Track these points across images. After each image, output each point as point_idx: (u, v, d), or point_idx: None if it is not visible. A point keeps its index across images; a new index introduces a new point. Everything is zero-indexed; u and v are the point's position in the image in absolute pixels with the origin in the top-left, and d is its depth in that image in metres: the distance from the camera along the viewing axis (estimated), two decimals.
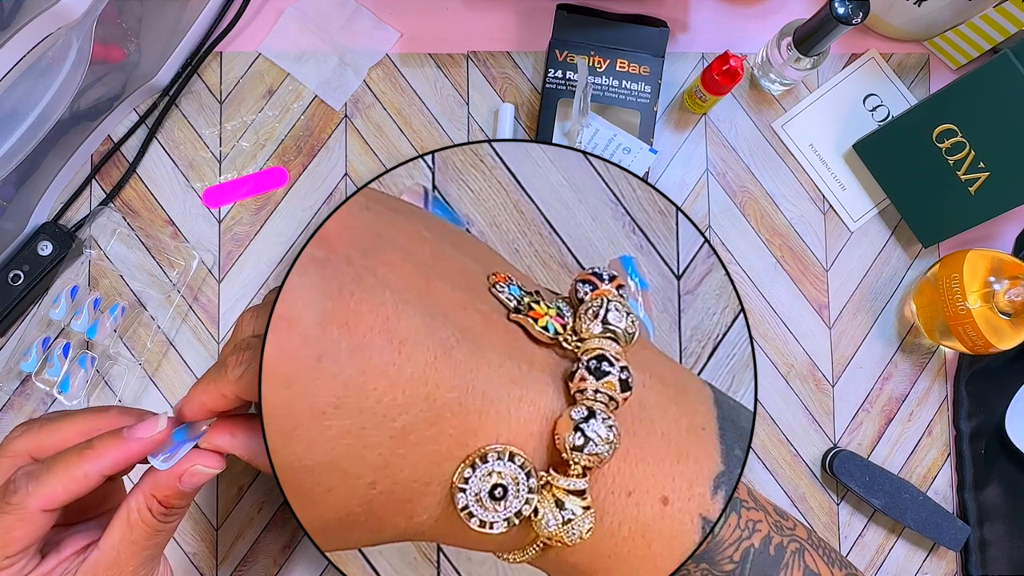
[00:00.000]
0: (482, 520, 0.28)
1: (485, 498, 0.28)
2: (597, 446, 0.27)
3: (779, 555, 0.35)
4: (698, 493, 0.31)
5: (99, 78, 0.44)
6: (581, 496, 0.28)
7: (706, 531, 0.30)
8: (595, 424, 0.28)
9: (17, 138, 0.39)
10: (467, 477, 0.28)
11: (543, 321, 0.31)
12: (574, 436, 0.27)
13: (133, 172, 0.48)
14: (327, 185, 0.49)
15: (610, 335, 0.30)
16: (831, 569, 0.36)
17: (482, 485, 0.28)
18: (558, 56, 0.48)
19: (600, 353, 0.29)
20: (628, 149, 0.47)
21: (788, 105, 0.52)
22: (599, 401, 0.29)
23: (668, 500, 0.30)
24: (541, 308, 0.31)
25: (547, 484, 0.28)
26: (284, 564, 0.47)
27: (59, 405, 0.46)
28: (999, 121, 0.44)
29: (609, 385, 0.29)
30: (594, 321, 0.31)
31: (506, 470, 0.28)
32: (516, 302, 0.32)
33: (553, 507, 0.28)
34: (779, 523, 0.36)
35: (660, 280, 0.45)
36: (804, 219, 0.51)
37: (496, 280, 0.32)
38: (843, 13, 0.42)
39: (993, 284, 0.46)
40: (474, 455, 0.28)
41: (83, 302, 0.45)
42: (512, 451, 0.28)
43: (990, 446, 0.51)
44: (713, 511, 0.31)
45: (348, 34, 0.50)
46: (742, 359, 0.44)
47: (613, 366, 0.29)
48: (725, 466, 0.32)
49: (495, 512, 0.28)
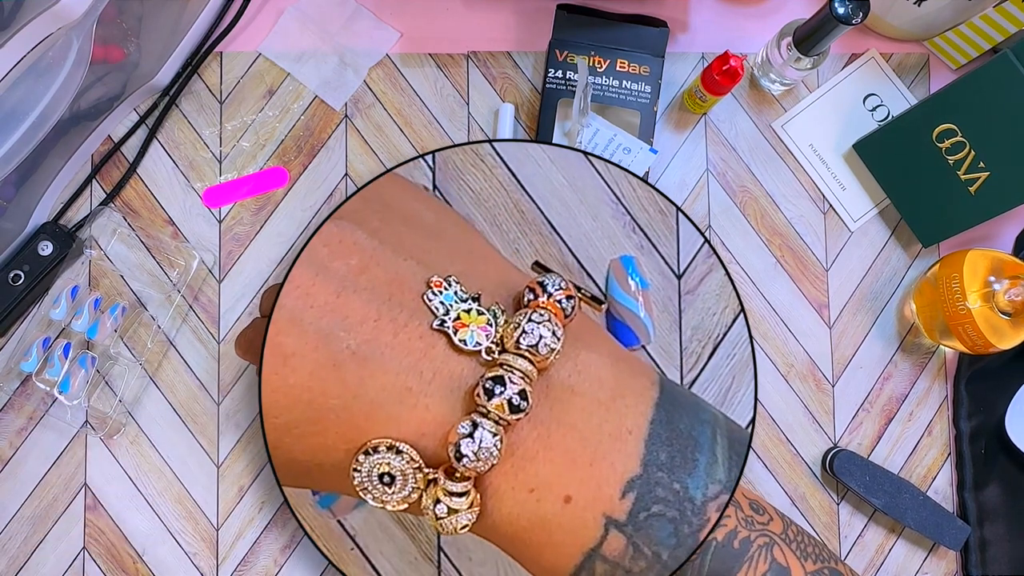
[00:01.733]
0: (375, 497, 0.33)
1: (376, 482, 0.32)
2: (473, 461, 0.31)
3: (744, 549, 0.36)
4: (606, 494, 0.33)
5: (99, 78, 0.44)
6: (463, 496, 0.32)
7: (607, 528, 0.33)
8: (477, 439, 0.31)
9: (17, 138, 0.39)
10: (360, 461, 0.32)
11: (463, 333, 0.33)
12: (454, 447, 0.31)
13: (133, 172, 0.48)
14: (327, 185, 0.49)
15: (526, 352, 0.32)
16: (802, 563, 0.37)
17: (372, 470, 0.32)
18: (558, 56, 0.48)
19: (499, 375, 0.32)
20: (628, 149, 0.47)
21: (788, 105, 0.52)
22: (488, 419, 0.31)
23: (571, 499, 0.33)
24: (468, 318, 0.34)
25: (434, 481, 0.32)
26: (284, 564, 0.47)
27: (59, 405, 0.46)
28: (999, 121, 0.44)
29: (499, 407, 0.31)
30: (514, 334, 0.33)
31: (395, 462, 0.32)
32: (446, 310, 0.34)
33: (434, 501, 0.32)
34: (750, 518, 0.37)
35: (660, 280, 0.45)
36: (804, 219, 0.51)
37: (432, 286, 0.34)
38: (843, 13, 0.42)
39: (993, 284, 0.46)
40: (368, 446, 0.32)
41: (83, 302, 0.45)
42: (399, 447, 0.32)
43: (990, 446, 0.51)
44: (619, 511, 0.33)
45: (348, 34, 0.50)
46: (742, 359, 0.44)
47: (506, 388, 0.31)
48: (642, 470, 0.33)
49: (386, 494, 0.33)
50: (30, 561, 0.46)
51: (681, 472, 0.34)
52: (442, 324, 0.33)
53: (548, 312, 0.33)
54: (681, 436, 0.35)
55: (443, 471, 0.32)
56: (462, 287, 0.35)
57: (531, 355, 0.32)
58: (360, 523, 0.43)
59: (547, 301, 0.34)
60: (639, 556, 0.33)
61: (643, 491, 0.33)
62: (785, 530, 0.38)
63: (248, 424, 0.47)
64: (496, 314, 0.34)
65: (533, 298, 0.34)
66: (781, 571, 0.36)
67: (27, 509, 0.46)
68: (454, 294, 0.34)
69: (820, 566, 0.37)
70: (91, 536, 0.47)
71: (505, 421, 0.31)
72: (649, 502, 0.33)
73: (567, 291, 0.35)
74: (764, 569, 0.36)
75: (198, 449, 0.47)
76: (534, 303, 0.34)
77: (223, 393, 0.48)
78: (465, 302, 0.34)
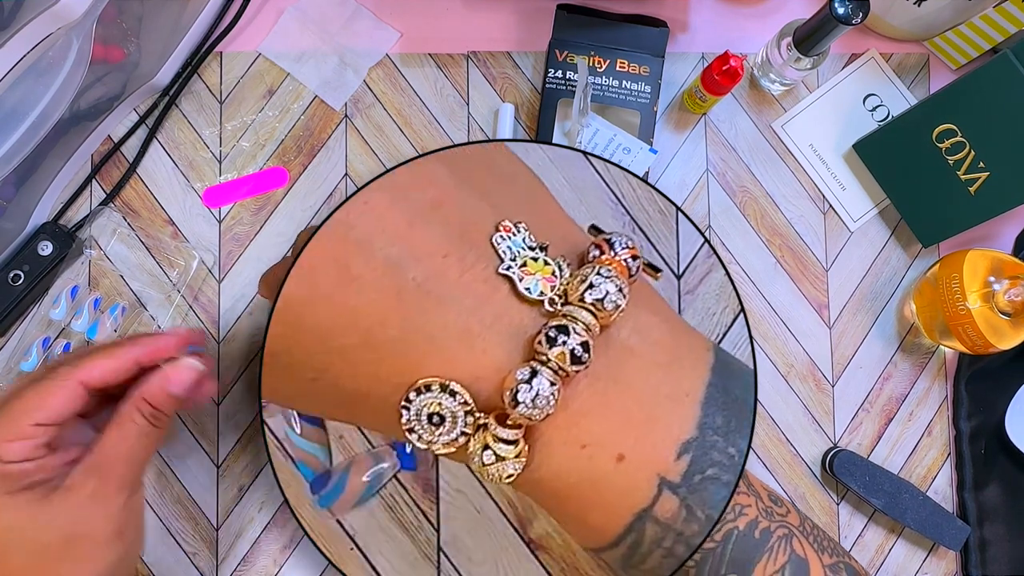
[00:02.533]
0: (421, 437, 0.32)
1: (424, 422, 0.32)
2: (529, 408, 0.30)
3: (764, 539, 0.36)
4: (661, 455, 0.33)
5: (99, 78, 0.44)
6: (512, 444, 0.31)
7: (661, 489, 0.33)
8: (535, 386, 0.30)
9: (17, 138, 0.39)
10: (410, 399, 0.32)
11: (528, 281, 0.33)
12: (510, 393, 0.30)
13: (133, 172, 0.48)
14: (327, 185, 0.49)
15: (591, 306, 0.32)
16: (819, 555, 0.37)
17: (422, 409, 0.32)
18: (558, 56, 0.48)
19: (563, 324, 0.31)
20: (628, 149, 0.47)
21: (788, 105, 0.52)
22: (548, 367, 0.31)
23: (624, 457, 0.32)
24: (535, 266, 0.33)
25: (484, 426, 0.32)
26: (284, 564, 0.47)
27: None
28: (999, 121, 0.44)
29: (560, 356, 0.31)
30: (579, 287, 0.32)
31: (446, 403, 0.31)
32: (513, 255, 0.33)
33: (482, 447, 0.31)
34: (769, 509, 0.37)
35: (660, 280, 0.46)
36: (804, 219, 0.51)
37: (502, 230, 0.34)
38: (843, 13, 0.42)
39: (993, 284, 0.46)
40: (420, 383, 0.32)
41: (83, 302, 0.46)
42: (453, 388, 0.32)
43: (990, 446, 0.51)
44: (674, 473, 0.33)
45: (348, 34, 0.50)
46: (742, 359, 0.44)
47: (570, 337, 0.31)
48: (699, 432, 0.33)
49: (433, 434, 0.32)
50: None
51: (736, 436, 0.34)
52: (508, 269, 0.33)
53: (614, 269, 0.33)
54: (736, 402, 0.35)
55: (494, 417, 0.32)
56: (530, 235, 0.35)
57: (595, 309, 0.32)
58: (360, 523, 0.43)
59: (613, 258, 0.34)
60: (692, 519, 0.33)
61: (698, 454, 0.33)
62: (802, 523, 0.38)
63: (248, 424, 0.47)
64: (561, 266, 0.34)
65: (599, 254, 0.34)
66: (800, 563, 0.36)
67: None
68: (522, 240, 0.34)
69: (836, 560, 0.37)
70: None
71: (564, 372, 0.31)
72: (704, 465, 0.33)
73: (632, 251, 0.34)
74: (784, 560, 0.36)
75: (198, 449, 0.47)
76: (600, 259, 0.34)
77: (223, 393, 0.48)
78: (532, 250, 0.34)
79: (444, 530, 0.44)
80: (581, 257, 0.36)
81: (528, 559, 0.43)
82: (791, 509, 0.38)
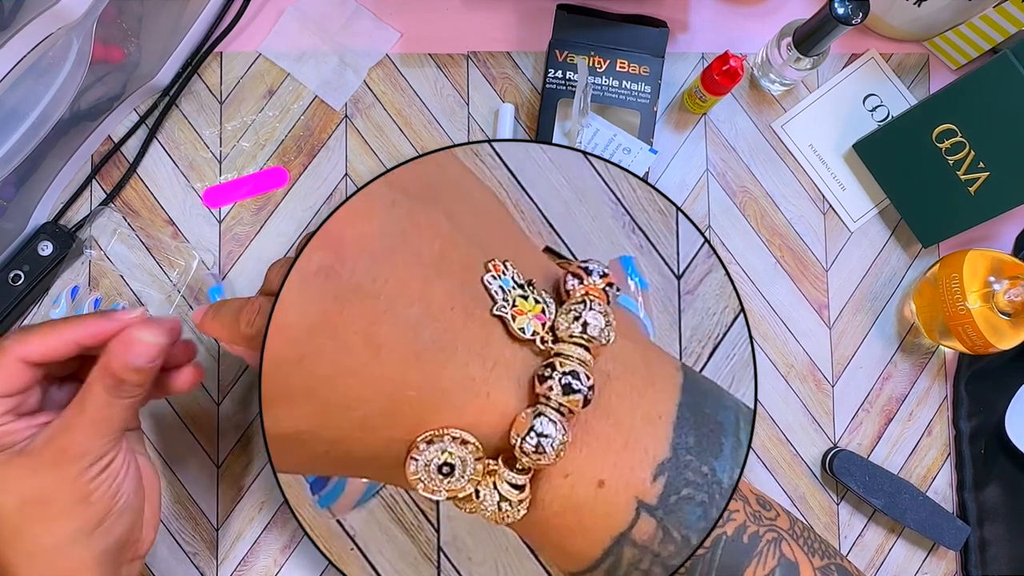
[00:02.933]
0: (426, 487, 0.32)
1: (434, 471, 0.32)
2: (544, 453, 0.30)
3: (753, 544, 0.36)
4: (638, 477, 0.33)
5: (99, 78, 0.44)
6: (520, 489, 0.32)
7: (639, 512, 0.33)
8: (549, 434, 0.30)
9: (17, 138, 0.39)
10: (421, 450, 0.32)
11: (521, 320, 0.33)
12: (526, 439, 0.30)
13: (133, 172, 0.48)
14: (327, 185, 0.49)
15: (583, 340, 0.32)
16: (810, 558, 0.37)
17: (431, 461, 0.32)
18: (558, 56, 0.48)
19: (574, 370, 0.31)
20: (628, 149, 0.47)
21: (788, 105, 0.52)
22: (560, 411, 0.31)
23: (604, 483, 0.33)
24: (526, 305, 0.33)
25: (492, 471, 0.32)
26: (284, 564, 0.47)
27: None
28: (999, 121, 0.44)
29: (573, 402, 0.31)
30: (573, 324, 0.32)
31: (457, 452, 0.31)
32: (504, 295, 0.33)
33: (493, 492, 0.32)
34: (758, 513, 0.37)
35: (660, 280, 0.45)
36: (804, 219, 0.51)
37: (492, 270, 0.34)
38: (843, 13, 0.42)
39: (993, 284, 0.46)
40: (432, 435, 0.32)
41: (83, 302, 0.46)
42: (466, 438, 0.31)
43: (990, 446, 0.51)
44: (651, 495, 0.33)
45: (348, 34, 0.50)
46: (742, 359, 0.44)
47: (582, 385, 0.31)
48: (672, 453, 0.33)
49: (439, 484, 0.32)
50: None
51: (708, 455, 0.34)
52: (501, 309, 0.33)
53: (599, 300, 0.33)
54: (707, 420, 0.35)
55: (503, 461, 0.32)
56: (517, 272, 0.34)
57: (587, 342, 0.32)
58: (360, 523, 0.43)
59: (595, 287, 0.34)
60: (668, 540, 0.33)
61: (673, 474, 0.33)
62: (792, 526, 0.38)
63: (248, 424, 0.47)
64: (548, 302, 0.34)
65: (579, 283, 0.34)
66: (790, 566, 0.36)
67: None
68: (511, 279, 0.34)
69: (827, 562, 0.37)
70: None
71: (567, 409, 0.31)
72: (679, 485, 0.33)
73: (608, 278, 0.35)
74: (773, 564, 0.36)
75: (198, 449, 0.47)
76: (584, 289, 0.34)
77: (223, 393, 0.48)
78: (521, 288, 0.34)
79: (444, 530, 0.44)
80: (555, 285, 0.36)
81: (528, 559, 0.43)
82: (780, 512, 0.38)
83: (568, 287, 0.34)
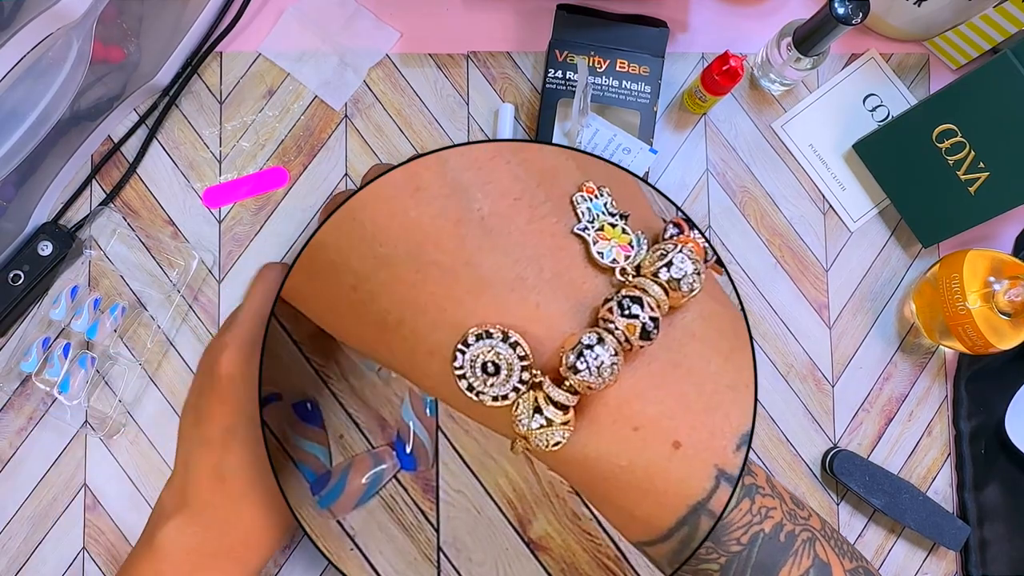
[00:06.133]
0: (472, 385, 0.29)
1: (478, 370, 0.29)
2: (590, 375, 0.28)
3: (789, 543, 0.35)
4: (719, 445, 0.31)
5: (99, 78, 0.44)
6: (564, 410, 0.29)
7: (719, 480, 0.30)
8: (598, 354, 0.28)
9: (17, 138, 0.39)
10: (468, 343, 0.29)
11: (604, 245, 0.31)
12: (573, 356, 0.28)
13: (133, 172, 0.48)
14: (327, 185, 0.49)
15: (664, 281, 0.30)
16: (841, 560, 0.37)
17: (477, 357, 0.29)
18: (558, 56, 0.48)
19: (639, 296, 0.29)
20: (628, 149, 0.47)
21: (788, 105, 0.52)
22: (614, 336, 0.29)
23: (681, 445, 0.30)
24: (613, 232, 0.31)
25: (538, 385, 0.29)
26: (284, 564, 0.47)
27: (59, 405, 0.46)
28: (999, 121, 0.44)
29: (631, 327, 0.29)
30: (657, 262, 0.30)
31: (504, 352, 0.29)
32: (592, 218, 0.31)
33: (532, 408, 0.29)
34: (793, 512, 0.36)
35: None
36: (804, 219, 0.51)
37: (585, 191, 0.32)
38: (843, 13, 0.42)
39: (993, 284, 0.46)
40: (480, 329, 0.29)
41: (83, 302, 0.45)
42: (515, 339, 0.29)
43: (990, 446, 0.51)
44: (733, 465, 0.31)
45: (348, 34, 0.50)
46: None
47: (643, 310, 0.29)
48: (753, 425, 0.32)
49: (484, 384, 0.29)
50: (30, 561, 0.46)
51: None
52: (584, 230, 0.31)
53: (694, 251, 0.31)
54: None
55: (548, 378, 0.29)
56: (613, 201, 0.33)
57: (670, 288, 0.30)
58: (360, 523, 0.43)
59: (693, 239, 0.32)
60: None
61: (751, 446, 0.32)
62: (823, 527, 0.38)
63: None
64: (640, 239, 0.32)
65: (678, 233, 0.32)
66: (823, 567, 0.36)
67: (27, 509, 0.46)
68: (604, 205, 0.32)
69: (856, 564, 0.37)
70: (91, 536, 0.47)
71: (629, 345, 0.29)
72: None
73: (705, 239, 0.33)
74: (808, 564, 0.35)
75: None
76: (680, 238, 0.32)
77: None
78: (613, 216, 0.32)
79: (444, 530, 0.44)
80: (655, 237, 0.34)
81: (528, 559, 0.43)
82: (812, 512, 0.38)
83: (667, 235, 0.33)
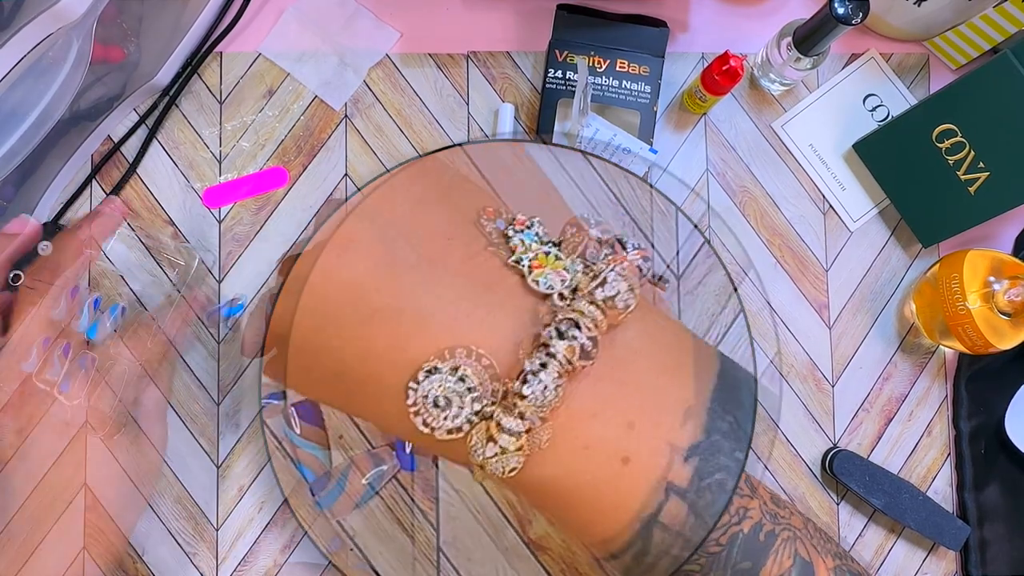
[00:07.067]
0: (426, 421, 0.30)
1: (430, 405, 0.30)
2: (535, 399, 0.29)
3: (769, 542, 0.36)
4: (667, 459, 0.32)
5: (99, 78, 0.44)
6: (517, 437, 0.30)
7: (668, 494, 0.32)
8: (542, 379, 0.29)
9: (17, 138, 0.39)
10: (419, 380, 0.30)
11: (539, 273, 0.32)
12: (519, 383, 0.29)
13: (133, 172, 0.48)
14: (327, 185, 0.49)
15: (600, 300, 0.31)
16: (824, 559, 0.37)
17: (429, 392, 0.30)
18: (558, 56, 0.48)
19: (575, 320, 0.30)
20: (628, 149, 0.47)
21: (788, 105, 0.52)
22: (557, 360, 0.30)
23: (629, 460, 0.31)
24: (547, 260, 0.32)
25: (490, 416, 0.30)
26: (284, 564, 0.47)
27: (59, 405, 0.46)
28: (999, 121, 0.44)
29: (570, 350, 0.30)
30: (591, 283, 0.32)
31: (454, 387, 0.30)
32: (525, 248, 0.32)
33: (485, 437, 0.30)
34: (773, 512, 0.37)
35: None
36: (804, 219, 0.51)
37: (516, 224, 0.33)
38: (843, 13, 0.42)
39: (993, 284, 0.46)
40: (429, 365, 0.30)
41: (83, 302, 0.45)
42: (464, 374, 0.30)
43: (990, 446, 0.51)
44: (681, 478, 0.32)
45: (348, 34, 0.50)
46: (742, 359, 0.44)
47: (581, 332, 0.30)
48: (706, 436, 0.32)
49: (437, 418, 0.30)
50: (30, 561, 0.46)
51: (743, 441, 0.33)
52: (519, 261, 0.32)
53: (627, 270, 0.32)
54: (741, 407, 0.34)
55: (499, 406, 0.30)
56: (544, 230, 0.34)
57: (606, 307, 0.31)
58: (360, 523, 0.43)
59: (625, 257, 0.33)
60: (700, 525, 0.33)
61: (705, 457, 0.32)
62: (805, 525, 0.38)
63: (248, 424, 0.47)
64: (574, 263, 0.33)
65: (611, 253, 0.33)
66: (805, 566, 0.36)
67: (27, 509, 0.46)
68: (535, 235, 0.33)
69: (839, 563, 0.37)
70: (91, 536, 0.47)
71: (572, 366, 0.30)
72: (712, 469, 0.32)
73: (643, 252, 0.34)
74: (789, 564, 0.36)
75: (198, 449, 0.47)
76: (613, 258, 0.33)
77: (223, 393, 0.48)
78: (545, 245, 0.33)
79: (444, 530, 0.44)
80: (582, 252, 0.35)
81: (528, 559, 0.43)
82: (794, 511, 0.38)
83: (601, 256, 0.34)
